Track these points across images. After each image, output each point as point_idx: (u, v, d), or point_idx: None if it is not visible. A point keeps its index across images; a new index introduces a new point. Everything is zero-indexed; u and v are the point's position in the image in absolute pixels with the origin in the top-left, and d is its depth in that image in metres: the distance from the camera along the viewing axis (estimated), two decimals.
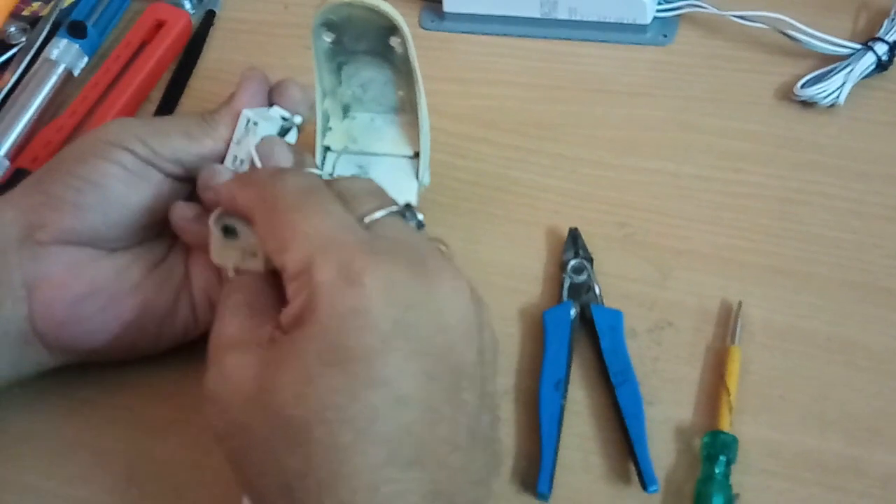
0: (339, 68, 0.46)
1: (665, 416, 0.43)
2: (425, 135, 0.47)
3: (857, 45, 0.53)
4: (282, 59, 0.59)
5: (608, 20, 0.57)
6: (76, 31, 0.60)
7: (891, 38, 0.53)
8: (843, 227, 0.48)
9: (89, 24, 0.60)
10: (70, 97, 0.59)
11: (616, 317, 0.45)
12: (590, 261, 0.47)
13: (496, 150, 0.54)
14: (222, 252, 0.39)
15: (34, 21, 0.62)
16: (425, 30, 0.60)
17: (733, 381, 0.43)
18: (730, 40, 0.57)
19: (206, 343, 0.36)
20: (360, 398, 0.31)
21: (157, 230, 0.44)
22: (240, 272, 0.38)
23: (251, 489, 0.34)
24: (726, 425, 0.42)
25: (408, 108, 0.47)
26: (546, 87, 0.56)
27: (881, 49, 0.53)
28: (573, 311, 0.45)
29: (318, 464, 0.31)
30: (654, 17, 0.57)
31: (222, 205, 0.39)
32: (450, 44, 0.60)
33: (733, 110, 0.54)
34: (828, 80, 0.52)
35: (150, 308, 0.43)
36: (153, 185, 0.43)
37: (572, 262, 0.47)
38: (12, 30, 0.61)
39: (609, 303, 0.46)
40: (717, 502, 0.39)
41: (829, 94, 0.52)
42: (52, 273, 0.41)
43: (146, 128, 0.43)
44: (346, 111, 0.48)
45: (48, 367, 0.44)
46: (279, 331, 0.34)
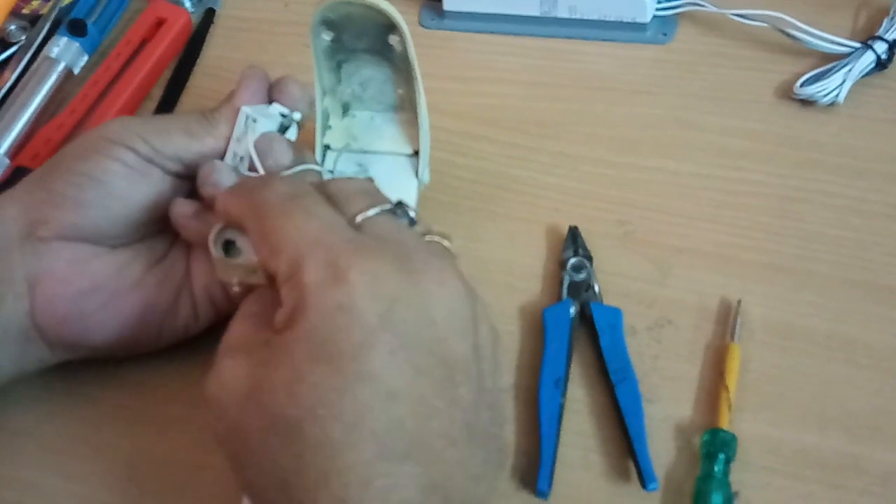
0: (339, 66, 0.46)
1: (665, 414, 0.43)
2: (425, 133, 0.47)
3: (857, 44, 0.53)
4: (282, 58, 0.59)
5: (608, 18, 0.57)
6: (76, 29, 0.60)
7: (890, 36, 0.53)
8: (844, 225, 0.48)
9: (89, 23, 0.60)
10: (70, 95, 0.59)
11: (616, 315, 0.45)
12: (589, 259, 0.47)
13: (496, 149, 0.54)
14: (225, 270, 0.39)
15: (34, 19, 0.62)
16: (425, 28, 0.60)
17: (733, 378, 0.43)
18: (729, 38, 0.57)
19: (208, 340, 0.36)
20: (349, 393, 0.31)
21: (158, 227, 0.44)
22: (243, 286, 0.38)
23: (250, 489, 0.34)
24: (726, 423, 0.42)
25: (407, 106, 0.47)
26: (546, 85, 0.56)
27: (881, 47, 0.53)
28: (573, 309, 0.45)
29: (311, 460, 0.31)
30: (654, 16, 0.57)
31: (219, 217, 0.39)
32: (450, 42, 0.60)
33: (733, 108, 0.54)
34: (827, 78, 0.52)
35: (151, 304, 0.43)
36: (154, 183, 0.43)
37: (572, 260, 0.47)
38: (12, 28, 0.61)
39: (609, 301, 0.46)
40: (716, 500, 0.39)
41: (829, 93, 0.52)
42: (54, 269, 0.41)
43: (147, 126, 0.43)
44: (345, 109, 0.48)
45: (49, 364, 0.44)
46: (274, 333, 0.34)
